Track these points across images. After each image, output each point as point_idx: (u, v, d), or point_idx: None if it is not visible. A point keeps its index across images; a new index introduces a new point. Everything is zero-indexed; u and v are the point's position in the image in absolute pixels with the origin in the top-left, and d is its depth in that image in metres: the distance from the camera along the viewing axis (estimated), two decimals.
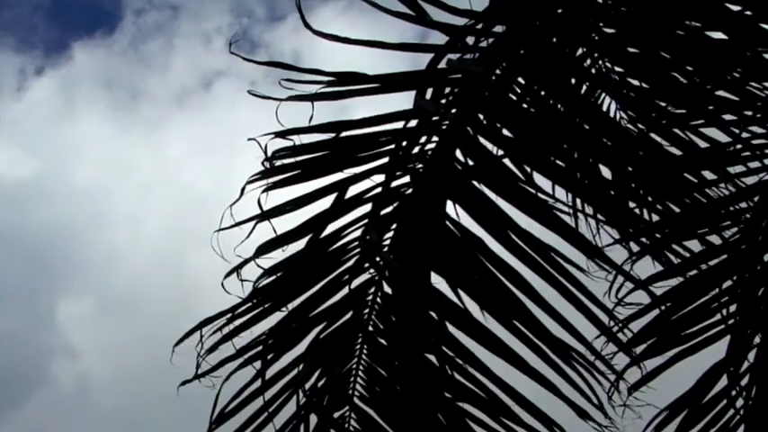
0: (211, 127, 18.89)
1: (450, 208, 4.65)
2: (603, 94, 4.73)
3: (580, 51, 4.52)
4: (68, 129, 21.37)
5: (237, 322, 4.64)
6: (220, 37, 19.10)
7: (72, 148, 21.22)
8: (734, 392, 4.18)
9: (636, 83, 4.57)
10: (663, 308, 4.25)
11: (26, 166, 21.10)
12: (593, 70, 4.57)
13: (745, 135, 4.26)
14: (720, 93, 4.32)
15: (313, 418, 4.87)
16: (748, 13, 4.14)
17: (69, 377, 18.62)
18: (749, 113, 4.27)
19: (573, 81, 4.58)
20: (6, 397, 18.41)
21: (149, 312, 16.82)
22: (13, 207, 20.50)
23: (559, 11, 4.36)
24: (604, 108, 4.81)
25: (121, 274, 19.62)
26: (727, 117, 4.38)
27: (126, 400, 16.25)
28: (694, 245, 4.41)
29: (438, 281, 4.71)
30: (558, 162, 4.53)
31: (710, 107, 4.39)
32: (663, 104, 4.49)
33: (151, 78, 21.55)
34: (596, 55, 4.53)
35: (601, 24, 4.41)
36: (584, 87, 4.60)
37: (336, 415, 4.97)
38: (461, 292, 4.66)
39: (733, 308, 4.21)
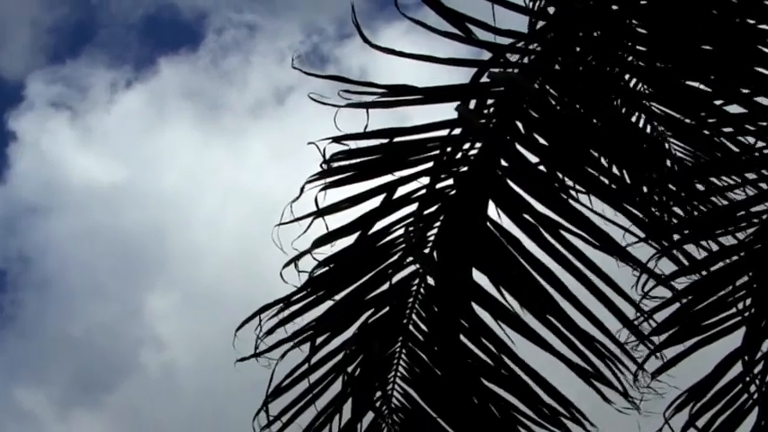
0: (284, 137, 19.36)
1: (489, 208, 4.83)
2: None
3: (612, 69, 4.68)
4: (156, 138, 21.93)
5: (294, 308, 4.84)
6: (293, 54, 19.47)
7: (159, 155, 21.82)
8: (748, 379, 4.35)
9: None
10: (683, 301, 4.42)
11: (118, 173, 21.73)
12: (625, 85, 4.75)
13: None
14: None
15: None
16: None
17: (157, 365, 19.33)
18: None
19: (603, 95, 4.74)
20: (100, 382, 19.29)
21: (229, 305, 17.27)
22: (106, 210, 21.42)
23: (595, 33, 4.52)
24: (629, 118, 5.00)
25: (204, 270, 20.44)
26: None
27: (208, 386, 16.68)
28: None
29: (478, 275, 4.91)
30: (588, 168, 4.69)
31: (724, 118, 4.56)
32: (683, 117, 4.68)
33: (230, 92, 22.07)
34: (627, 73, 4.71)
35: (630, 44, 4.58)
36: (616, 101, 4.75)
37: (378, 394, 5.16)
38: (499, 286, 4.85)
39: (748, 301, 4.37)
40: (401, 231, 4.86)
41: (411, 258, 4.90)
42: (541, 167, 4.71)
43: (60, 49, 22.76)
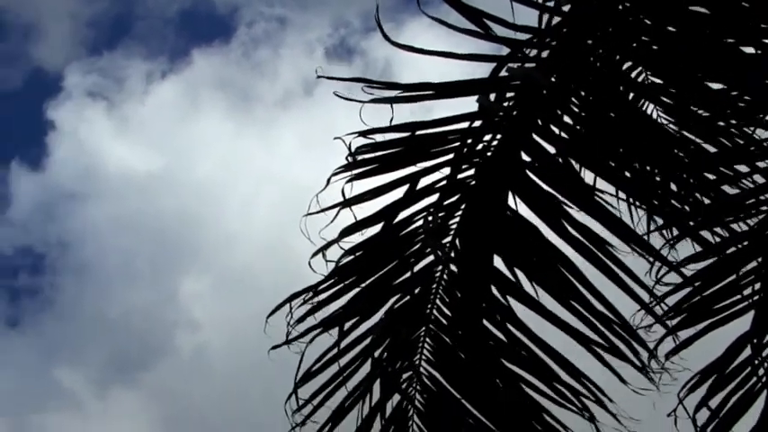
0: (313, 127, 19.69)
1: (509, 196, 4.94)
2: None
3: (625, 63, 4.77)
4: (190, 127, 22.33)
5: (323, 296, 4.96)
6: (321, 46, 20.00)
7: (193, 144, 22.26)
8: (756, 362, 4.43)
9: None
10: (695, 286, 4.51)
11: (154, 161, 22.17)
12: (637, 79, 4.85)
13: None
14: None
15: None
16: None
17: (191, 346, 19.67)
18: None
19: (617, 88, 4.82)
20: (137, 362, 19.92)
21: (260, 290, 17.62)
22: (143, 197, 22.02)
23: (608, 29, 4.61)
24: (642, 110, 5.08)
25: (236, 256, 20.93)
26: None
27: (239, 367, 16.98)
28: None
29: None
30: (604, 159, 4.78)
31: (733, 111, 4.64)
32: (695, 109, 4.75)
33: (261, 83, 22.42)
34: (639, 66, 4.80)
35: (645, 39, 4.66)
36: (629, 94, 4.84)
37: (404, 376, 5.27)
38: (518, 272, 4.96)
39: (757, 286, 4.46)
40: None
41: (428, 250, 5.01)
42: (559, 158, 4.81)
43: (98, 42, 23.29)
